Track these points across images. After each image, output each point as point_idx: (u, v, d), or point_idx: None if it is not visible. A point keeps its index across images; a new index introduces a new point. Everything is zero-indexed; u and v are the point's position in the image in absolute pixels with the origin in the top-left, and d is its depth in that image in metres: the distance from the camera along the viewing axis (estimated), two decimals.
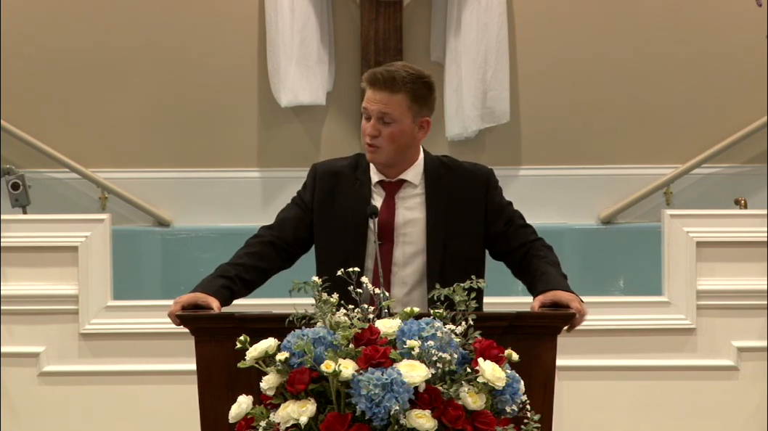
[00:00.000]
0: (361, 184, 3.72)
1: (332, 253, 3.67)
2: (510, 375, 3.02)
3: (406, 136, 3.66)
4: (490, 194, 3.74)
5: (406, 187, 3.73)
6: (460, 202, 3.70)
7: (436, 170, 3.74)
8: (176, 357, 4.87)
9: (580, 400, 4.99)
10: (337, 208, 3.71)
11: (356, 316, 3.05)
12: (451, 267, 3.64)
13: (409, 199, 3.72)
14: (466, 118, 6.33)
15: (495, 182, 3.77)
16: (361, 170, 3.75)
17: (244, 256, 3.68)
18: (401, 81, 3.61)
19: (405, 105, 3.62)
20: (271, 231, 3.74)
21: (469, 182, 3.74)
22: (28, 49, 6.41)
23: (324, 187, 3.75)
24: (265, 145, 6.51)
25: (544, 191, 6.47)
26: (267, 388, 2.99)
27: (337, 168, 3.78)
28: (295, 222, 3.74)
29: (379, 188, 3.73)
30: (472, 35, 6.31)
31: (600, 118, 6.50)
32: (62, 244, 5.11)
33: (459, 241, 3.68)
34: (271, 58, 6.36)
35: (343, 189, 3.73)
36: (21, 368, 5.06)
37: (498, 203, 3.74)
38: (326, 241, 3.71)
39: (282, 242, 3.71)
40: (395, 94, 3.61)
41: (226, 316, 3.37)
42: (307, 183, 3.79)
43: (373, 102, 3.62)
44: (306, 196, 3.77)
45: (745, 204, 6.12)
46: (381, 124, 3.62)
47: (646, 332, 5.07)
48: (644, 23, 6.45)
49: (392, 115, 3.62)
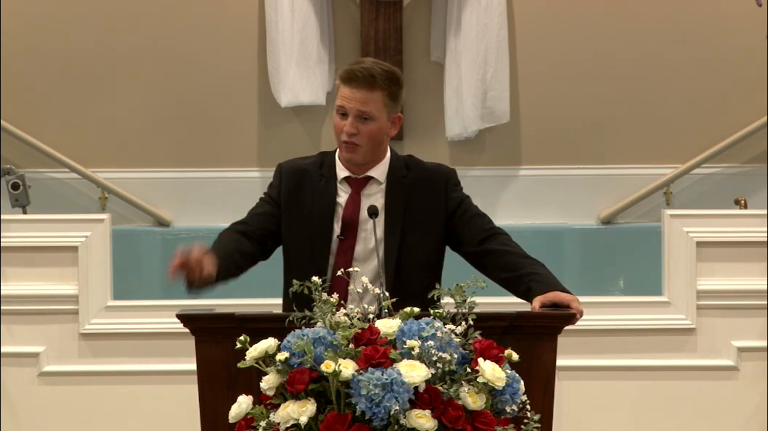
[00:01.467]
0: (326, 181, 3.74)
1: (298, 249, 3.71)
2: (510, 375, 3.02)
3: (383, 133, 3.69)
4: (450, 191, 3.76)
5: (371, 183, 3.75)
6: (418, 199, 3.72)
7: (399, 169, 3.76)
8: (176, 357, 4.87)
9: (580, 400, 4.99)
10: (303, 204, 3.74)
11: (356, 316, 3.06)
12: (408, 262, 3.66)
13: (373, 196, 3.73)
14: (466, 118, 6.33)
15: (455, 180, 3.80)
16: (326, 167, 3.77)
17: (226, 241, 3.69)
18: (379, 78, 3.63)
19: (382, 102, 3.65)
20: (241, 224, 3.77)
21: (429, 180, 3.76)
22: (28, 49, 6.41)
23: (290, 185, 3.77)
24: (265, 145, 6.51)
25: (544, 191, 6.47)
26: (267, 388, 2.99)
27: (302, 166, 3.81)
28: (265, 217, 3.77)
29: (345, 184, 3.75)
30: (472, 35, 6.31)
31: (600, 118, 6.50)
32: (62, 244, 5.12)
33: (416, 237, 3.69)
34: (271, 58, 6.36)
35: (308, 186, 3.75)
36: (21, 368, 5.07)
37: (457, 198, 3.76)
38: (292, 237, 3.73)
39: (253, 233, 3.74)
40: (373, 93, 3.63)
41: (226, 316, 3.37)
42: (274, 182, 3.82)
43: (351, 100, 3.64)
44: (273, 192, 3.80)
45: (745, 204, 6.12)
46: (359, 122, 3.64)
47: (646, 332, 5.07)
48: (644, 23, 6.45)
49: (371, 113, 3.64)
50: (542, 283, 3.56)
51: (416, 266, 3.68)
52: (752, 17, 6.07)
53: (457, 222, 3.73)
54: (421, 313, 3.10)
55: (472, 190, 6.35)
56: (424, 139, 6.46)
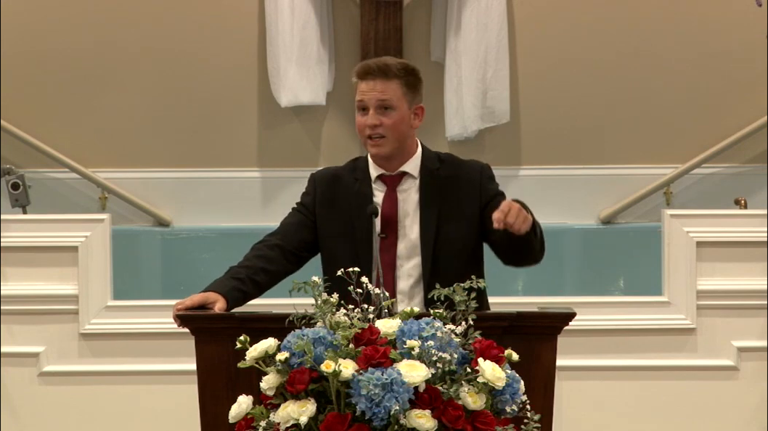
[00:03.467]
0: (361, 183, 3.74)
1: (340, 255, 3.67)
2: (510, 375, 3.01)
3: (405, 124, 3.69)
4: (484, 183, 3.76)
5: (406, 179, 3.74)
6: (454, 193, 3.72)
7: (432, 162, 3.76)
8: (176, 357, 4.87)
9: (580, 400, 4.99)
10: (340, 209, 3.73)
11: (356, 316, 3.05)
12: (445, 257, 3.65)
13: (408, 191, 3.73)
14: (466, 117, 6.33)
15: (489, 173, 3.80)
16: (359, 170, 3.77)
17: (252, 259, 3.68)
18: (394, 68, 3.65)
19: (400, 91, 3.66)
20: (275, 237, 3.75)
21: (464, 173, 3.76)
22: (28, 49, 6.41)
23: (324, 191, 3.76)
24: (265, 145, 6.51)
25: (544, 191, 6.46)
26: (267, 388, 2.99)
27: (335, 171, 3.82)
28: (299, 226, 3.75)
29: (379, 183, 3.75)
30: (472, 35, 6.31)
31: (600, 118, 6.50)
32: (62, 244, 5.11)
33: (452, 230, 3.68)
34: (271, 58, 6.36)
35: (343, 191, 3.75)
36: (21, 368, 5.06)
37: (492, 190, 3.76)
38: (332, 244, 3.72)
39: (287, 245, 3.72)
40: (390, 81, 3.64)
41: (226, 316, 3.37)
42: (308, 190, 3.82)
43: (370, 92, 3.65)
44: (306, 201, 3.79)
45: (745, 204, 6.12)
46: (381, 113, 3.64)
47: (646, 332, 5.07)
48: (644, 23, 6.45)
49: (390, 101, 3.65)
50: None
51: (454, 258, 3.66)
52: (752, 17, 6.07)
53: (488, 215, 3.69)
54: (421, 313, 3.10)
55: None
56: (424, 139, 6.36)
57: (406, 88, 3.67)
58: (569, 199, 6.48)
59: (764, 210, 5.26)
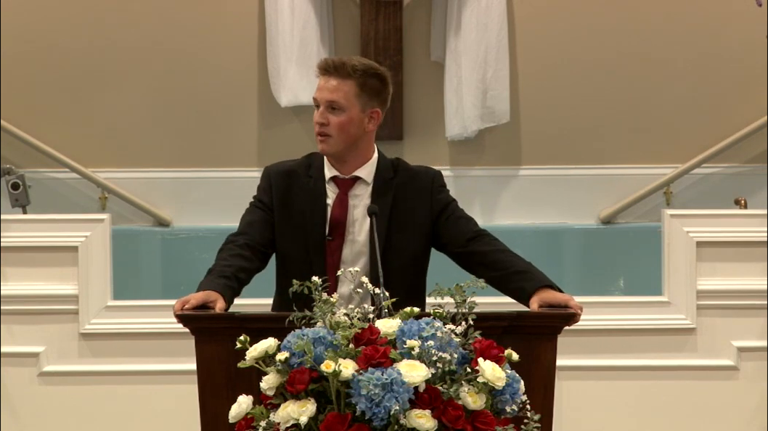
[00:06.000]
0: (314, 181, 3.72)
1: (293, 252, 3.68)
2: (510, 375, 3.02)
3: (355, 126, 3.66)
4: (435, 192, 3.73)
5: (359, 184, 3.73)
6: (405, 200, 3.70)
7: (386, 170, 3.74)
8: (176, 357, 4.87)
9: (580, 400, 4.99)
10: (294, 206, 3.71)
11: (356, 316, 3.05)
12: (392, 265, 3.60)
13: (359, 197, 3.71)
14: (466, 117, 6.33)
15: (440, 182, 3.77)
16: (314, 168, 3.76)
17: (230, 259, 3.64)
18: (351, 68, 3.62)
19: (353, 93, 3.63)
20: (242, 236, 3.71)
21: (416, 182, 3.73)
22: (28, 49, 6.41)
23: (279, 187, 3.74)
24: (265, 145, 6.51)
25: (544, 191, 6.47)
26: (267, 388, 2.99)
27: (289, 167, 3.79)
28: (262, 224, 3.72)
29: (332, 185, 3.73)
30: (472, 35, 6.31)
31: (600, 118, 6.50)
32: (62, 244, 5.11)
33: (402, 239, 3.66)
34: (271, 58, 6.36)
35: (297, 187, 3.73)
36: (21, 368, 5.06)
37: (442, 200, 3.74)
38: (286, 241, 3.70)
39: (256, 244, 3.69)
40: (344, 81, 3.62)
41: (226, 316, 3.37)
42: (263, 185, 3.78)
43: (322, 90, 3.66)
44: (264, 197, 3.76)
45: (745, 204, 6.12)
46: (329, 112, 3.65)
47: (646, 332, 5.07)
48: (644, 23, 6.45)
49: (339, 102, 3.63)
50: (534, 281, 3.55)
51: (402, 267, 3.65)
52: (752, 17, 6.07)
53: (443, 224, 3.71)
54: (421, 313, 3.10)
55: (472, 190, 6.43)
56: (424, 139, 6.46)
57: (360, 90, 3.63)
58: (569, 198, 6.48)
59: (764, 210, 5.26)
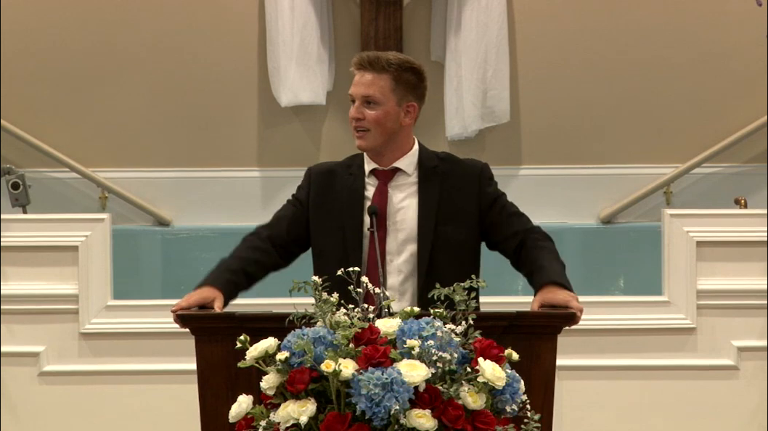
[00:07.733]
0: (354, 178, 3.73)
1: (330, 248, 3.68)
2: (510, 375, 3.01)
3: (391, 120, 3.67)
4: (483, 185, 3.73)
5: (399, 175, 3.73)
6: (452, 191, 3.70)
7: (430, 161, 3.74)
8: (176, 357, 4.87)
9: (580, 400, 4.99)
10: (333, 203, 3.72)
11: (356, 316, 3.05)
12: (443, 254, 3.63)
13: (401, 188, 3.72)
14: (466, 117, 6.33)
15: (489, 174, 3.77)
16: (355, 166, 3.77)
17: (244, 250, 3.68)
18: (386, 63, 3.63)
19: (388, 87, 3.64)
20: (267, 229, 3.75)
21: (463, 173, 3.74)
22: (28, 49, 6.41)
23: (319, 185, 3.76)
24: (265, 145, 6.51)
25: (544, 191, 6.47)
26: (267, 388, 2.99)
27: (331, 166, 3.81)
28: (291, 221, 3.74)
29: (372, 177, 3.74)
30: (472, 35, 6.31)
31: (600, 118, 6.50)
32: (62, 244, 5.11)
33: (450, 229, 3.67)
34: (271, 58, 6.36)
35: (337, 185, 3.74)
36: (21, 368, 5.07)
37: (491, 193, 3.74)
38: (323, 237, 3.71)
39: (279, 239, 3.72)
40: (379, 76, 3.63)
41: (226, 316, 3.37)
42: (303, 184, 3.81)
43: (358, 85, 3.66)
44: (301, 195, 3.78)
45: (745, 203, 6.12)
46: (365, 107, 3.65)
47: (646, 332, 5.07)
48: (644, 23, 6.45)
49: (375, 96, 3.64)
50: (543, 276, 3.55)
51: (451, 258, 3.64)
52: (752, 17, 6.07)
53: (493, 221, 3.70)
54: (421, 313, 3.10)
55: None
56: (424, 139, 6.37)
57: (395, 84, 3.64)
58: (569, 198, 6.49)
59: (764, 210, 5.26)
